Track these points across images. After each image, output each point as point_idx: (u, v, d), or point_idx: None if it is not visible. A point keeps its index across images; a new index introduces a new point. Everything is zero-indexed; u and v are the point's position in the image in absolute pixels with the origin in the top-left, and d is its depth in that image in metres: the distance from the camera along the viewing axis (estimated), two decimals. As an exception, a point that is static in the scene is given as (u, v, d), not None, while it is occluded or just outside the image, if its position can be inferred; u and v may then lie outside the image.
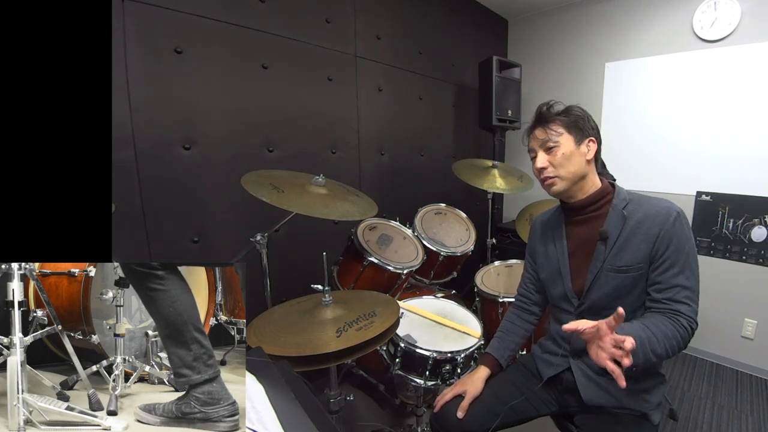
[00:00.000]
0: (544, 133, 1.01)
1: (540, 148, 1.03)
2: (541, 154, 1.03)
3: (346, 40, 2.02)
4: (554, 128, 1.00)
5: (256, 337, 0.97)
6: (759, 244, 2.18)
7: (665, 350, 0.84)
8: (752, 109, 2.12)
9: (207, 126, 1.55)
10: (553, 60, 2.92)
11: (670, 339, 0.85)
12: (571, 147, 0.99)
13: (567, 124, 1.00)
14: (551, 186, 1.03)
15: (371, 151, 2.24)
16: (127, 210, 1.36)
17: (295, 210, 1.16)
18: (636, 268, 0.95)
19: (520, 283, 1.29)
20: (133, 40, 1.33)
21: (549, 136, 1.00)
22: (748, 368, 2.28)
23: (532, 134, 1.05)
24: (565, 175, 1.00)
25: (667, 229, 0.92)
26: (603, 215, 1.01)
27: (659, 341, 0.83)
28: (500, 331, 1.25)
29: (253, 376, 0.62)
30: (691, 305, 0.90)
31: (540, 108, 1.05)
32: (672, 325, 0.87)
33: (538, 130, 1.03)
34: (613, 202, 1.01)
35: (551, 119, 1.01)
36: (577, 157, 1.00)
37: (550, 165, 1.01)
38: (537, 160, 1.04)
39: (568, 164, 0.99)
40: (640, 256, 0.94)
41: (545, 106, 1.04)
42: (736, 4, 2.11)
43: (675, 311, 0.89)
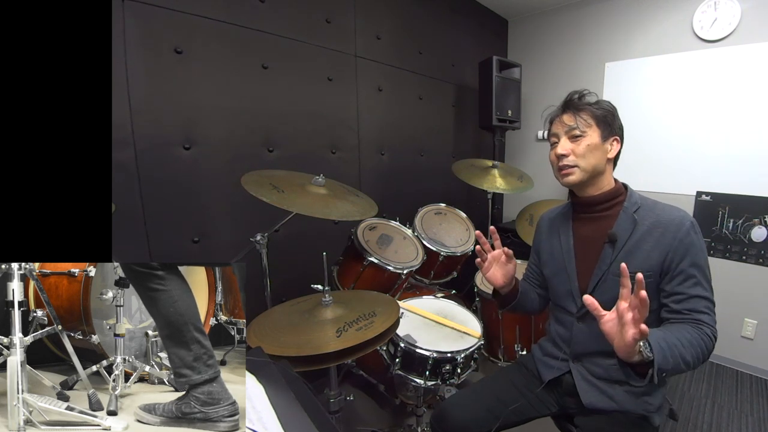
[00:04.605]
0: (572, 119, 0.97)
1: (565, 135, 0.99)
2: (564, 140, 0.99)
3: (346, 40, 2.02)
4: (584, 117, 0.97)
5: (256, 337, 0.97)
6: (759, 244, 2.18)
7: (693, 357, 0.81)
8: (752, 109, 2.12)
9: (207, 126, 1.55)
10: (553, 60, 2.92)
11: (696, 347, 0.82)
12: (596, 140, 0.97)
13: (597, 117, 0.97)
14: (568, 175, 0.99)
15: (371, 151, 2.24)
16: (127, 210, 1.36)
17: (295, 210, 1.16)
18: (645, 276, 0.93)
19: (522, 277, 1.28)
20: (133, 40, 1.33)
21: (578, 124, 0.96)
22: (748, 368, 2.28)
23: (559, 119, 1.01)
24: (585, 167, 0.97)
25: (681, 239, 0.90)
26: (612, 216, 1.00)
27: (685, 347, 0.80)
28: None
29: (253, 376, 0.62)
30: (711, 315, 0.88)
31: (572, 94, 1.01)
32: (697, 333, 0.84)
33: (567, 115, 0.99)
34: (624, 204, 0.99)
35: (583, 108, 0.98)
36: (600, 152, 0.97)
37: (572, 153, 0.97)
38: (559, 145, 0.99)
39: (590, 156, 0.96)
40: (650, 264, 0.92)
41: (577, 94, 1.00)
42: (736, 4, 2.11)
43: (697, 320, 0.87)
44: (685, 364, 0.80)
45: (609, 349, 0.99)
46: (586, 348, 1.02)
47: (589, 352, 1.02)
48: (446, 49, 2.65)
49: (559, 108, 1.03)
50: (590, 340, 1.01)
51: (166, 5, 1.39)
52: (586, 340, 1.02)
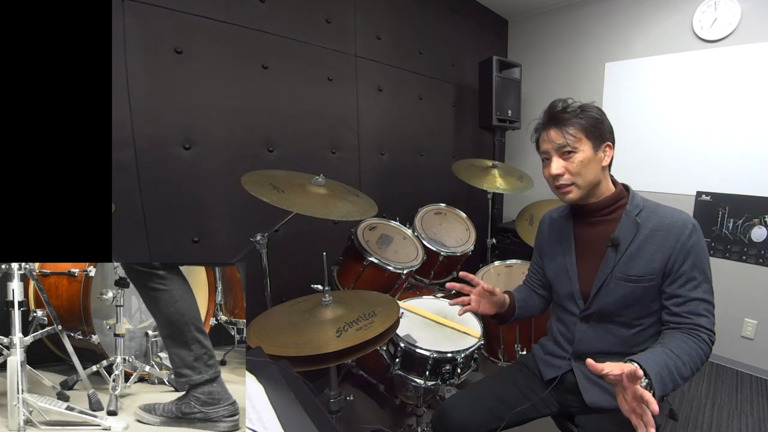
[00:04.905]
0: (560, 136, 0.93)
1: (555, 153, 0.96)
2: (556, 159, 0.95)
3: (346, 40, 2.02)
4: (572, 132, 0.93)
5: (256, 337, 0.97)
6: (759, 244, 2.18)
7: (691, 370, 0.82)
8: (752, 109, 2.12)
9: (207, 126, 1.55)
10: (553, 60, 2.92)
11: (694, 358, 0.83)
12: (589, 153, 0.93)
13: (585, 129, 0.93)
14: (567, 194, 0.97)
15: (371, 151, 2.24)
16: (127, 210, 1.36)
17: (295, 210, 1.16)
18: (648, 279, 0.92)
19: (526, 276, 1.29)
20: (133, 40, 1.33)
21: (566, 141, 0.93)
22: (748, 368, 2.28)
23: (547, 135, 0.97)
24: (582, 184, 0.95)
25: (684, 241, 0.89)
26: (615, 220, 0.99)
27: (685, 363, 0.81)
28: (516, 290, 1.24)
29: (253, 376, 0.62)
30: (710, 317, 0.89)
31: (555, 106, 0.96)
32: (695, 343, 0.86)
33: (554, 132, 0.95)
34: (626, 207, 0.98)
35: (568, 121, 0.93)
36: (595, 164, 0.95)
37: (566, 171, 0.95)
38: (552, 165, 0.96)
39: (586, 172, 0.94)
40: (653, 267, 0.92)
41: (560, 104, 0.96)
42: (736, 4, 2.11)
43: (695, 325, 0.88)
44: (684, 379, 0.81)
45: (611, 349, 1.00)
46: (589, 347, 1.02)
47: (591, 352, 1.02)
48: (446, 49, 2.65)
49: (543, 121, 0.99)
50: (593, 340, 1.02)
51: (166, 5, 1.39)
52: (589, 339, 1.02)
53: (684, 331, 0.88)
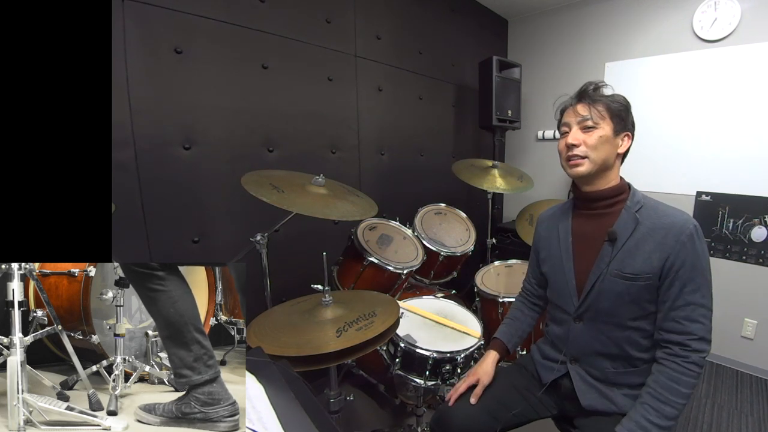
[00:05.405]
0: (587, 110, 0.96)
1: (577, 125, 0.97)
2: (576, 130, 0.97)
3: (346, 40, 2.02)
4: (599, 109, 0.95)
5: (256, 337, 0.97)
6: (759, 244, 2.18)
7: (684, 401, 0.87)
8: (752, 109, 2.12)
9: (207, 126, 1.55)
10: (553, 60, 2.92)
11: (685, 386, 0.87)
12: (609, 132, 0.95)
13: (611, 110, 0.96)
14: (576, 166, 0.97)
15: (371, 151, 2.24)
16: (127, 210, 1.36)
17: (295, 210, 1.16)
18: (644, 278, 0.91)
19: (525, 277, 1.30)
20: (133, 40, 1.33)
21: (591, 115, 0.95)
22: (748, 368, 2.28)
23: (573, 108, 0.99)
24: (595, 159, 0.95)
25: (683, 242, 0.88)
26: (614, 214, 0.98)
27: (675, 403, 0.86)
28: (508, 318, 1.26)
29: (253, 376, 0.62)
30: (705, 324, 0.88)
31: (587, 85, 0.99)
32: (685, 369, 0.87)
33: (581, 105, 0.97)
34: (627, 202, 0.98)
35: (598, 99, 0.96)
36: (611, 146, 0.96)
37: (583, 143, 0.96)
38: (570, 135, 0.98)
39: (601, 149, 0.95)
40: (650, 266, 0.91)
41: (593, 85, 0.99)
42: (736, 4, 2.11)
43: (685, 338, 0.88)
44: (679, 412, 0.86)
45: (606, 350, 0.99)
46: (584, 349, 1.02)
47: (586, 354, 1.02)
48: (446, 49, 2.65)
49: (573, 97, 1.01)
50: (588, 341, 1.01)
51: (166, 5, 1.39)
52: (584, 340, 1.02)
53: (670, 358, 0.89)
